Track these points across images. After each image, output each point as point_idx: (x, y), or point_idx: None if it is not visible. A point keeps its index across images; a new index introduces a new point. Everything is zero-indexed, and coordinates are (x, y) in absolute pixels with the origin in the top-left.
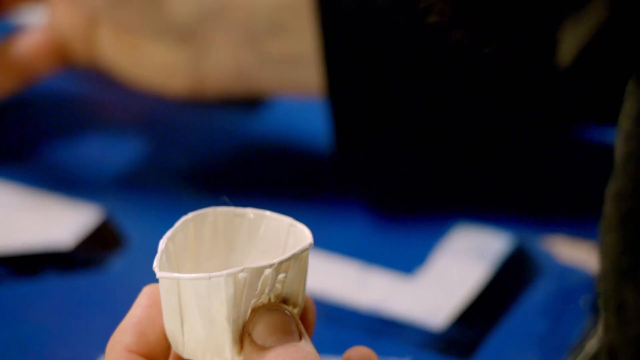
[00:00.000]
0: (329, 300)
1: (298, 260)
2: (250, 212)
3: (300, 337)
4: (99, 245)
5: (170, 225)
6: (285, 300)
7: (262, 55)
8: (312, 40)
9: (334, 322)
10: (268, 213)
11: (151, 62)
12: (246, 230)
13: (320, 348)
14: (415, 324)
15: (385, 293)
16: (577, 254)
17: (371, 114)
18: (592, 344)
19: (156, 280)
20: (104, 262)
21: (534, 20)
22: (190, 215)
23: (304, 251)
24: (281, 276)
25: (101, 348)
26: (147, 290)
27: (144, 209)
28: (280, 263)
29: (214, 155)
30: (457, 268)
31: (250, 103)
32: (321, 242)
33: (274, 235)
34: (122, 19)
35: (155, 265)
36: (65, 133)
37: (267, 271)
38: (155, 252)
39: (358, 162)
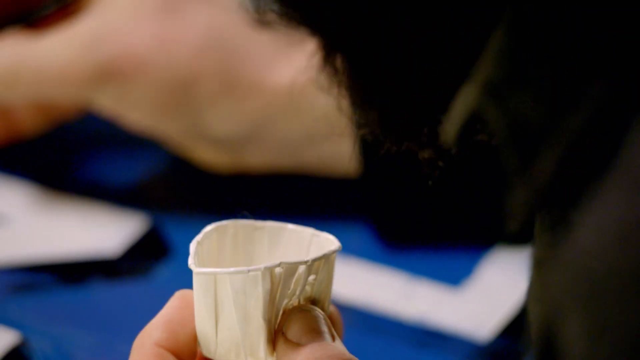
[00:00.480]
0: (375, 311)
1: (327, 263)
2: (270, 225)
3: (333, 338)
4: (145, 254)
5: None
6: (313, 304)
7: (299, 159)
8: (348, 142)
9: (380, 333)
10: (289, 225)
11: (192, 152)
12: (266, 242)
13: (366, 359)
14: (461, 335)
15: (431, 304)
16: None
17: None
18: None
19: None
20: (150, 271)
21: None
22: (212, 225)
23: (334, 253)
24: (311, 278)
25: None
26: (179, 294)
27: (190, 218)
28: (313, 261)
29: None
30: (504, 280)
31: None
32: (367, 253)
33: (296, 247)
34: (165, 132)
35: (191, 262)
36: (113, 142)
37: (301, 269)
38: None
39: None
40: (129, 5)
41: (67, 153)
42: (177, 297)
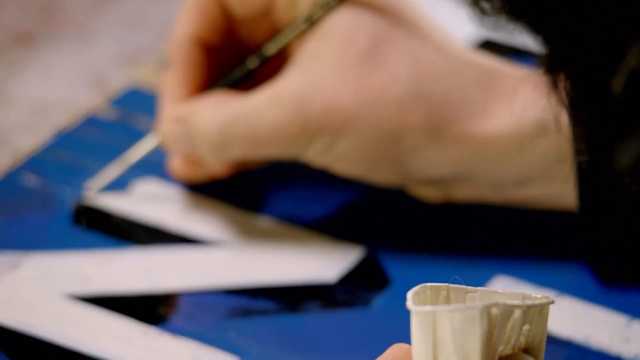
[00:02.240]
0: (593, 351)
1: (541, 315)
2: (482, 290)
3: None
4: (362, 284)
5: (434, 266)
6: None
7: (504, 197)
8: (553, 186)
9: None
10: (500, 290)
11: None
12: None
13: None
14: None
15: None
16: None
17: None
18: None
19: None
20: (367, 301)
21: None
22: (427, 284)
23: (548, 305)
24: (525, 328)
25: None
26: (395, 346)
27: (409, 250)
28: (528, 307)
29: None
30: None
31: None
32: (585, 292)
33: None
34: (372, 179)
35: (409, 303)
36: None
37: (517, 314)
38: None
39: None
40: (333, 58)
41: (286, 182)
42: (394, 347)
